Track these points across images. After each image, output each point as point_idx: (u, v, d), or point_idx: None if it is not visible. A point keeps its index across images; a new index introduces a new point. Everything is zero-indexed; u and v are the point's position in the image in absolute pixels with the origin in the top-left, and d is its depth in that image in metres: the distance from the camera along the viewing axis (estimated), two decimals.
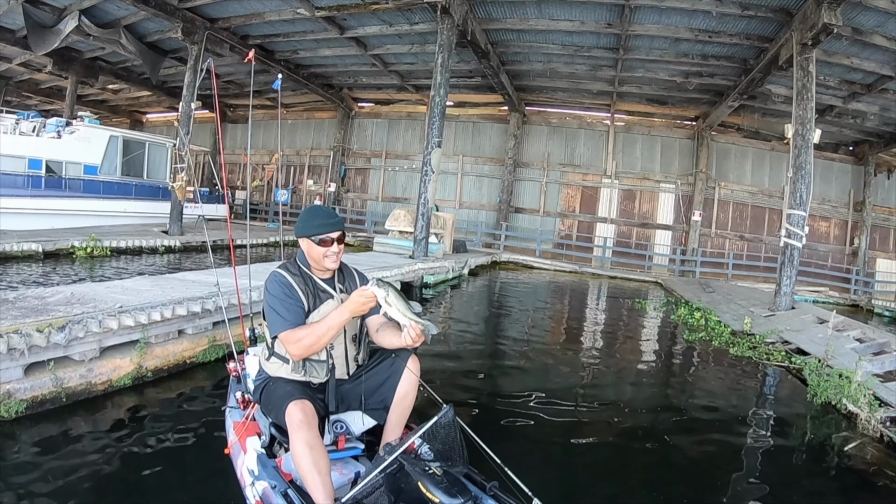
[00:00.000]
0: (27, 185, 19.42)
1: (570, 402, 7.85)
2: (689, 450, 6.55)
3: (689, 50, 19.18)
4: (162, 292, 8.24)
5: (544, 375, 9.30)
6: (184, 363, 7.68)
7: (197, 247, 20.62)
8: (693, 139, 26.28)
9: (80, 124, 22.41)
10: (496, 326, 13.09)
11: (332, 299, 4.14)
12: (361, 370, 4.29)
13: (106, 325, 6.68)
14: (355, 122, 32.00)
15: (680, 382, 9.61)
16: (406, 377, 4.16)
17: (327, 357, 4.11)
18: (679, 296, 18.36)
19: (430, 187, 16.92)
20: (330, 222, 4.08)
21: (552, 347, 11.41)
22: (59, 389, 6.15)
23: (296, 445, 3.56)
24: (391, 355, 4.24)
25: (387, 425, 4.23)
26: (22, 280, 12.70)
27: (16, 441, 5.41)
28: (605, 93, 25.07)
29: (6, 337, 5.70)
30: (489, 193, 29.10)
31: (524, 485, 3.54)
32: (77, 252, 16.35)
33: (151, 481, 4.87)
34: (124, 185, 22.93)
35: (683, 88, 22.79)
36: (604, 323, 14.61)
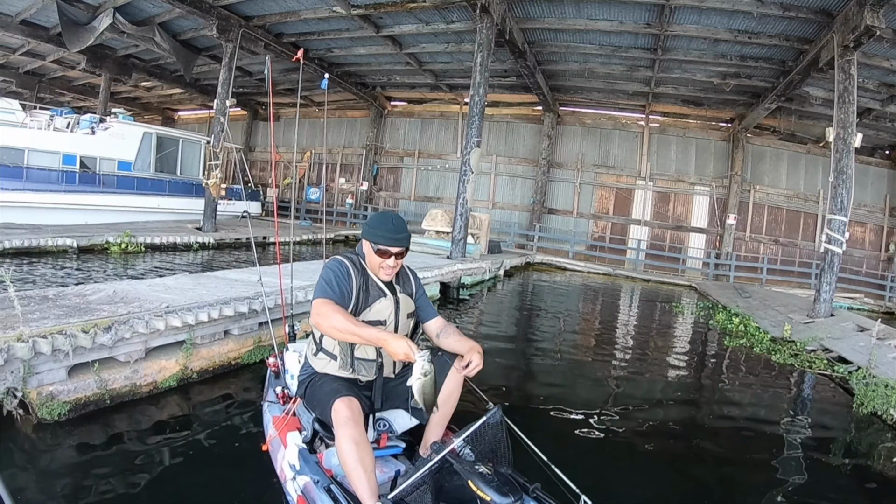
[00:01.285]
0: (61, 180, 19.53)
1: (611, 406, 7.77)
2: (735, 454, 6.51)
3: (728, 51, 18.83)
4: (206, 292, 8.14)
5: (587, 378, 9.29)
6: (229, 364, 7.62)
7: (230, 244, 20.63)
8: (728, 141, 25.77)
9: (114, 121, 22.52)
10: (533, 328, 12.97)
11: (385, 298, 4.11)
12: (407, 369, 4.11)
13: (153, 325, 6.54)
14: (388, 121, 31.82)
15: (725, 388, 9.38)
16: (452, 377, 4.12)
17: (377, 356, 4.10)
18: (715, 300, 18.06)
19: (468, 187, 16.77)
20: (395, 237, 4.03)
21: (593, 351, 11.31)
22: (104, 391, 6.04)
23: (342, 442, 3.54)
24: (438, 354, 4.17)
25: (429, 425, 4.25)
26: (58, 276, 12.64)
27: (59, 444, 5.33)
28: (640, 93, 24.71)
29: (50, 338, 5.55)
30: (522, 194, 28.79)
31: (573, 483, 3.48)
32: (111, 248, 16.38)
33: (193, 483, 4.85)
34: (158, 181, 22.98)
35: (720, 90, 22.40)
36: (643, 327, 14.44)
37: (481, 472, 3.38)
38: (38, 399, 5.54)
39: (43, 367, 5.64)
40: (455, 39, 21.11)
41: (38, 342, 5.44)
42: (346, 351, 4.05)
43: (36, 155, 18.93)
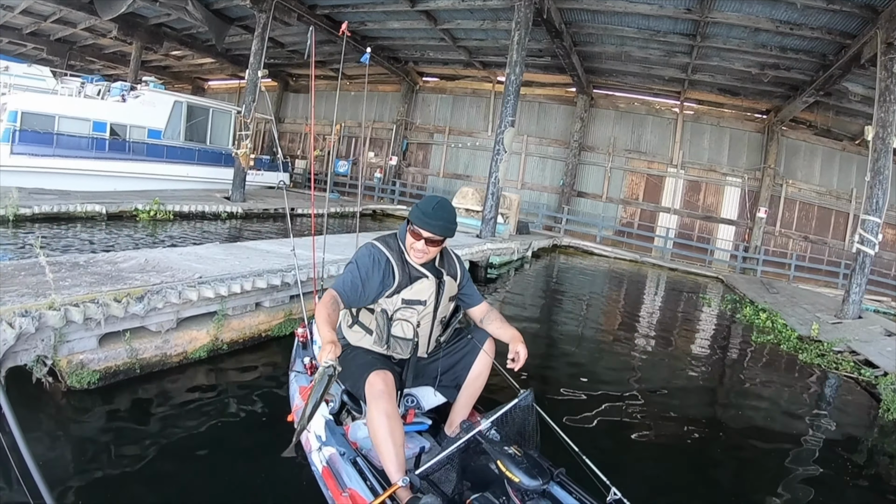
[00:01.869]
0: (91, 147, 19.55)
1: (631, 394, 7.71)
2: (755, 451, 6.45)
3: (768, 41, 18.41)
4: (238, 263, 8.07)
5: (608, 364, 9.30)
6: (259, 337, 7.60)
7: (258, 214, 20.77)
8: (763, 133, 25.25)
9: (144, 89, 22.46)
10: (558, 312, 12.95)
11: (427, 279, 4.02)
12: (439, 348, 4.28)
13: (185, 296, 6.48)
14: (419, 97, 31.59)
15: (751, 384, 9.20)
16: (481, 358, 4.20)
17: (413, 335, 4.03)
18: (742, 294, 17.75)
19: (501, 167, 16.69)
20: (430, 222, 3.87)
21: (617, 338, 11.25)
22: (134, 360, 6.02)
23: (374, 415, 3.55)
24: (468, 336, 4.29)
25: (456, 404, 4.33)
26: (87, 242, 12.65)
27: (87, 411, 5.36)
28: (676, 80, 24.29)
29: (82, 307, 5.47)
30: (552, 176, 28.50)
31: (602, 474, 3.48)
32: (140, 215, 16.46)
33: (220, 452, 4.91)
34: (187, 150, 22.96)
35: (758, 80, 21.96)
36: (669, 316, 14.32)
37: (510, 454, 3.42)
38: (68, 367, 5.50)
39: (74, 335, 5.58)
40: (491, 17, 20.83)
41: (70, 310, 5.36)
42: (383, 327, 4.00)
43: (66, 121, 18.89)
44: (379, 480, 3.58)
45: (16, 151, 17.51)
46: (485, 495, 3.40)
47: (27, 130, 17.78)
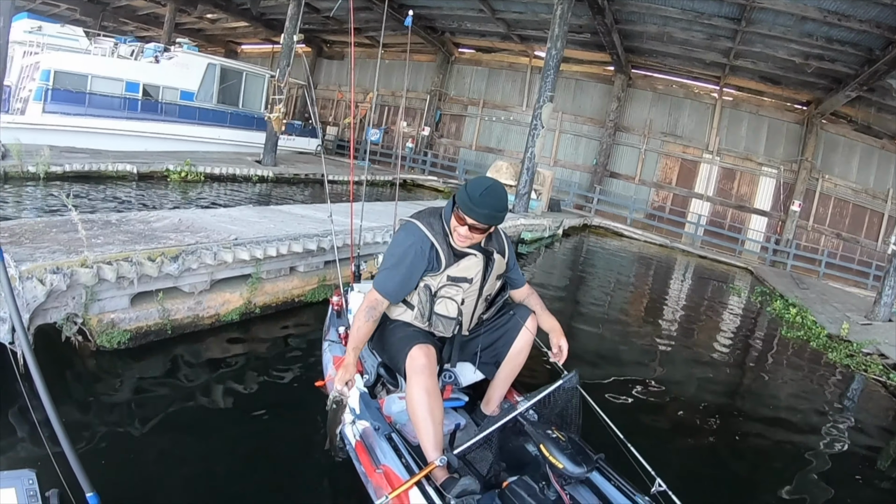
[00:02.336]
0: (123, 107, 19.60)
1: (654, 379, 7.63)
2: (774, 446, 6.36)
3: (814, 31, 17.87)
4: (273, 226, 7.98)
5: (632, 348, 9.19)
6: (292, 301, 7.56)
7: (289, 179, 20.76)
8: (802, 125, 24.63)
9: (178, 50, 22.52)
10: (585, 293, 12.93)
11: (474, 257, 3.79)
12: (481, 325, 4.13)
13: (220, 257, 6.38)
14: (454, 68, 31.22)
15: (778, 379, 9.02)
16: (523, 335, 4.02)
17: (458, 314, 3.84)
18: (771, 287, 17.40)
19: (538, 142, 16.54)
20: (480, 212, 3.52)
21: (643, 323, 11.09)
22: (166, 321, 5.95)
23: (414, 390, 3.47)
24: (510, 312, 4.12)
25: (494, 381, 4.21)
26: (118, 201, 12.70)
27: (117, 372, 5.30)
28: (717, 64, 23.68)
29: (115, 265, 5.36)
30: (585, 154, 28.08)
31: (648, 464, 3.36)
32: (171, 176, 16.49)
33: (250, 416, 4.91)
34: (219, 112, 22.94)
35: (800, 70, 21.40)
36: (700, 305, 14.08)
37: (554, 438, 3.28)
38: (98, 326, 5.42)
39: (106, 294, 5.49)
40: None
41: (103, 268, 5.26)
42: (426, 304, 3.82)
43: (99, 81, 18.94)
44: (415, 458, 3.48)
45: (48, 110, 17.56)
46: (523, 479, 3.31)
47: (59, 89, 17.80)
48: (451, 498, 3.11)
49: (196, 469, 4.12)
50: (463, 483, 3.15)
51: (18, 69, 17.77)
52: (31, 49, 18.44)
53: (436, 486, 3.21)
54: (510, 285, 4.24)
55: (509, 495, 3.25)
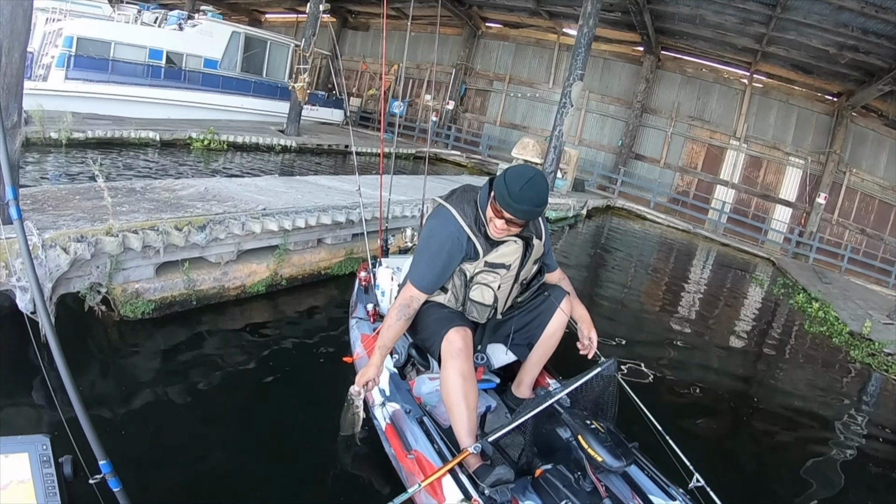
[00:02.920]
0: (146, 74, 19.51)
1: (682, 371, 7.56)
2: (787, 441, 6.27)
3: (850, 21, 17.45)
4: (300, 196, 7.90)
5: (651, 333, 9.15)
6: (318, 274, 7.54)
7: (312, 149, 20.74)
8: (831, 116, 24.01)
9: (202, 18, 22.43)
10: (605, 274, 13.01)
11: (513, 243, 3.59)
12: (514, 309, 3.96)
13: (248, 227, 6.31)
14: (481, 43, 30.77)
15: (797, 373, 8.92)
16: (557, 317, 3.90)
17: (493, 301, 3.68)
18: (794, 279, 17.13)
19: (566, 121, 16.35)
20: (518, 208, 3.27)
21: (668, 312, 10.92)
22: (191, 292, 5.89)
23: (449, 374, 3.39)
24: (545, 293, 3.96)
25: (527, 363, 4.12)
26: (141, 168, 12.72)
27: (140, 343, 5.26)
28: (749, 50, 23.17)
29: (141, 234, 5.27)
30: (611, 135, 27.68)
31: (686, 458, 3.28)
32: (194, 143, 16.44)
33: (275, 390, 4.92)
34: (243, 81, 22.87)
35: (833, 61, 20.92)
36: (722, 295, 13.88)
37: (593, 429, 3.18)
38: (123, 296, 5.35)
39: (131, 263, 5.42)
40: None
41: (129, 237, 5.17)
42: (460, 290, 3.68)
43: (122, 48, 18.86)
44: (447, 443, 3.44)
45: (70, 77, 17.46)
46: (558, 468, 3.24)
47: (82, 56, 17.72)
48: (485, 487, 3.04)
49: (215, 442, 4.09)
50: (498, 472, 3.06)
51: (41, 36, 17.59)
52: (53, 16, 18.24)
53: (469, 473, 3.16)
54: (548, 269, 4.07)
55: (543, 484, 3.20)
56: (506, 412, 4.18)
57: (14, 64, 4.68)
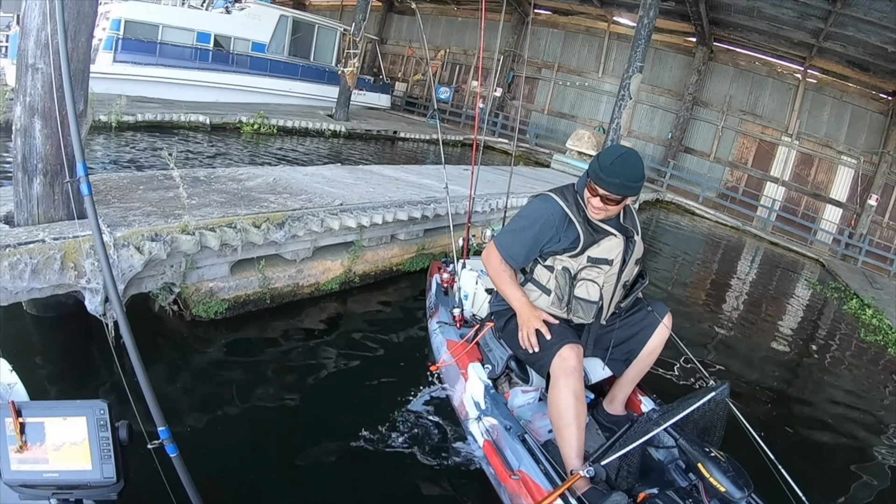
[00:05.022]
0: (194, 57, 19.65)
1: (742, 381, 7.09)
2: (829, 451, 5.90)
3: None
4: (372, 190, 7.77)
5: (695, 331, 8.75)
6: (390, 270, 7.36)
7: (361, 134, 20.78)
8: (886, 116, 23.26)
9: (250, 2, 22.42)
10: (650, 268, 12.22)
11: (615, 237, 3.56)
12: (616, 317, 3.87)
13: (327, 224, 6.10)
14: (529, 30, 30.18)
15: (849, 384, 8.39)
16: (659, 332, 3.85)
17: (599, 297, 3.61)
18: (844, 283, 16.58)
19: (624, 113, 16.11)
20: (610, 181, 3.34)
21: (719, 312, 10.58)
22: (265, 290, 5.74)
23: (562, 393, 3.30)
24: (647, 307, 3.92)
25: (622, 379, 4.02)
26: (194, 153, 12.65)
27: (213, 343, 5.13)
28: (804, 44, 22.53)
29: (219, 231, 5.04)
30: (660, 127, 27.20)
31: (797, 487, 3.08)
32: (244, 127, 16.54)
33: (353, 393, 4.76)
34: (291, 65, 22.91)
35: (891, 59, 20.32)
36: (774, 296, 13.47)
37: (713, 457, 2.99)
38: (196, 296, 5.19)
39: (206, 261, 5.26)
40: None
41: (206, 235, 4.95)
42: (564, 287, 3.60)
43: (170, 31, 18.98)
44: (552, 463, 3.34)
45: (118, 59, 17.55)
46: (667, 493, 3.10)
47: (130, 39, 17.83)
48: None
49: (291, 448, 3.95)
50: (613, 500, 2.98)
51: None
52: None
53: (579, 497, 3.07)
54: (645, 273, 4.00)
55: None
56: (597, 429, 4.01)
57: (81, 48, 4.57)
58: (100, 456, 1.70)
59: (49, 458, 1.70)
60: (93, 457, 1.70)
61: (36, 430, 1.69)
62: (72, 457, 1.70)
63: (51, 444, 1.69)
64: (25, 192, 4.41)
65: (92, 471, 1.70)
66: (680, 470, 3.35)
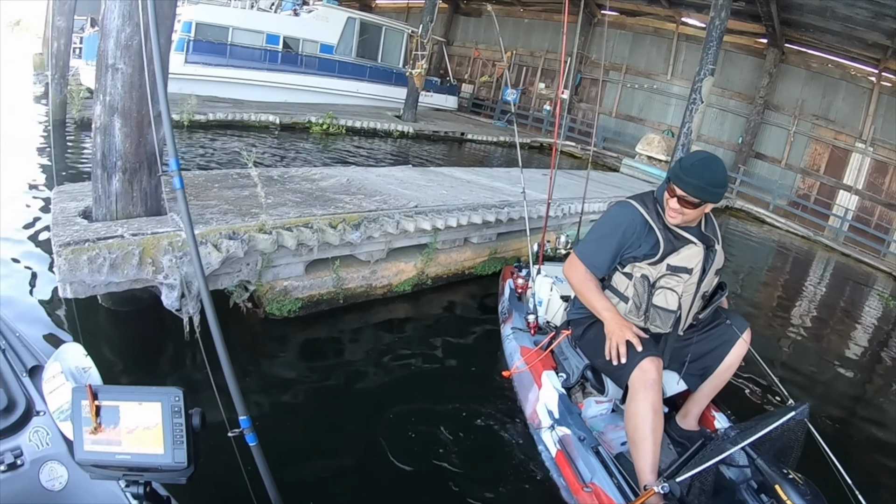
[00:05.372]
0: (264, 58, 20.05)
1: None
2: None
3: None
4: (445, 192, 7.74)
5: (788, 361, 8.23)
6: (462, 273, 7.33)
7: (428, 135, 20.77)
8: None
9: (318, 4, 22.78)
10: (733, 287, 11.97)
11: (695, 245, 3.48)
12: (694, 330, 3.77)
13: (402, 226, 6.10)
14: (597, 30, 30.03)
15: None
16: (738, 347, 3.72)
17: (677, 307, 3.53)
18: None
19: (696, 118, 15.84)
20: (688, 181, 3.29)
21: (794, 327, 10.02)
22: (338, 290, 5.80)
23: (640, 407, 3.26)
24: (726, 321, 3.79)
25: (697, 394, 3.91)
26: (265, 152, 12.88)
27: (286, 341, 5.23)
28: (879, 46, 21.69)
29: (295, 231, 5.10)
30: (731, 131, 26.55)
31: None
32: (313, 127, 16.80)
33: (422, 397, 4.66)
34: (358, 66, 23.19)
35: None
36: (849, 312, 12.83)
37: (791, 479, 2.95)
38: (270, 294, 5.27)
39: (281, 260, 5.31)
40: None
41: (283, 235, 5.01)
42: (643, 295, 3.53)
43: (240, 33, 19.43)
44: (625, 477, 3.30)
45: (189, 60, 18.03)
46: None
47: (201, 40, 18.32)
48: None
49: (358, 447, 3.97)
50: None
51: None
52: None
53: None
54: (725, 285, 3.90)
55: None
56: (668, 444, 3.90)
57: (160, 50, 4.56)
58: (172, 441, 1.76)
59: (122, 441, 1.76)
60: (165, 441, 1.75)
61: (111, 413, 1.75)
62: (144, 440, 1.76)
63: (125, 427, 1.75)
64: (104, 188, 4.51)
65: (164, 455, 1.76)
66: (752, 490, 3.30)
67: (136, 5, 4.32)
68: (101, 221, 4.52)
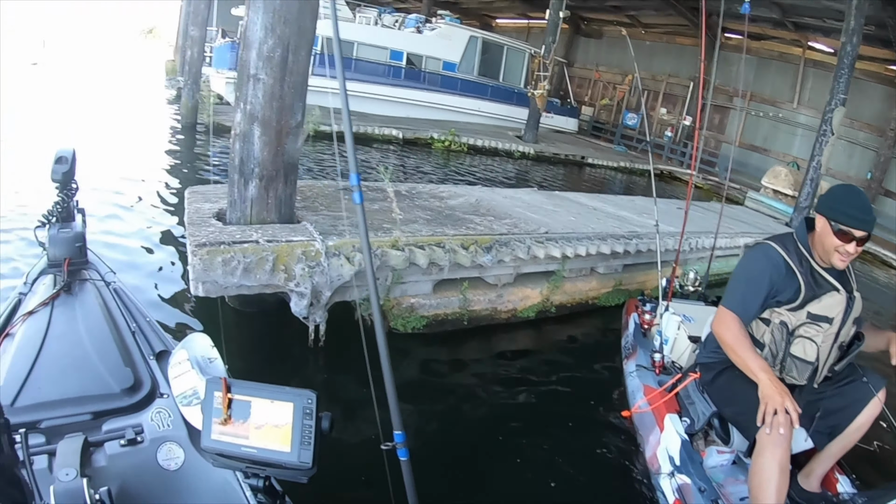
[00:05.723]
0: (388, 74, 20.47)
1: None
2: None
3: None
4: (574, 219, 7.64)
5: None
6: (586, 303, 7.09)
7: (549, 157, 20.62)
8: None
9: (441, 22, 23.08)
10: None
11: (837, 293, 3.24)
12: (827, 384, 3.49)
13: (532, 252, 6.03)
14: (720, 55, 29.13)
15: None
16: (871, 407, 3.39)
17: (815, 358, 3.29)
18: None
19: (826, 151, 15.17)
20: (865, 217, 3.10)
21: None
22: (464, 311, 5.76)
23: (767, 464, 3.02)
24: (861, 378, 3.46)
25: (823, 453, 3.58)
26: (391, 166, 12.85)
27: (407, 356, 5.25)
28: None
29: (428, 250, 5.14)
30: (859, 165, 24.91)
31: None
32: (435, 144, 17.00)
33: (538, 421, 4.64)
34: (480, 85, 23.31)
35: None
36: None
37: None
38: (396, 309, 5.35)
39: (411, 277, 5.37)
40: None
41: (416, 253, 5.08)
42: (780, 343, 3.34)
43: (364, 48, 19.91)
44: None
45: (315, 73, 18.00)
46: None
47: (326, 55, 18.42)
48: None
49: (473, 470, 3.96)
50: None
51: None
52: None
53: None
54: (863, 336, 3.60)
55: None
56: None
57: (301, 62, 5.02)
58: (300, 441, 1.81)
59: (249, 435, 1.83)
60: (293, 441, 1.81)
61: (242, 407, 1.83)
62: (272, 437, 1.82)
63: (254, 422, 1.83)
64: (240, 193, 4.68)
65: (290, 453, 1.81)
66: None
67: (279, 18, 4.57)
68: (236, 225, 4.68)
